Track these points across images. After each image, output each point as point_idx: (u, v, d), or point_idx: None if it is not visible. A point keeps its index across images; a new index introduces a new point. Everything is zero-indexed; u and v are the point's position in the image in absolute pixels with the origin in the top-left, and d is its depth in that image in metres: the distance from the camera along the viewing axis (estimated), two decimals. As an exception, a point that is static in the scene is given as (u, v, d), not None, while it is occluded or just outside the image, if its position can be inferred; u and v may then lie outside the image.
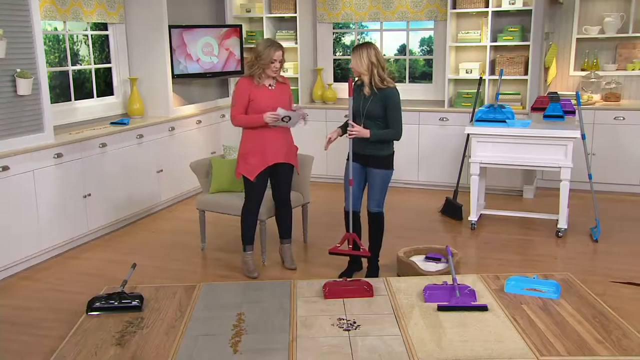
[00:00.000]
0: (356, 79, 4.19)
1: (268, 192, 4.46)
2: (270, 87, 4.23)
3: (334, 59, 7.55)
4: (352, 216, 4.22)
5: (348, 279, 3.93)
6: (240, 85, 4.20)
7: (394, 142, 4.19)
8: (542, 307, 3.63)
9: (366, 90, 4.04)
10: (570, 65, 6.80)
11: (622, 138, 6.24)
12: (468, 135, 5.49)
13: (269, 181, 4.41)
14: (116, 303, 3.69)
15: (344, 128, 4.22)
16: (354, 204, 4.24)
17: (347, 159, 4.22)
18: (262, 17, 7.18)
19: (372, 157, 4.11)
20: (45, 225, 4.71)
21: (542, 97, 5.60)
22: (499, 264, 4.55)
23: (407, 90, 7.18)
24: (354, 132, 3.99)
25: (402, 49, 7.36)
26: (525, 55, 6.32)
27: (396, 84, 4.12)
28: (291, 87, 4.53)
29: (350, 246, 4.22)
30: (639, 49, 6.57)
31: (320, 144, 4.47)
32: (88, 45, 5.99)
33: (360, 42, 4.20)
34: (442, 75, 6.78)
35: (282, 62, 4.18)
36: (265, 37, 7.18)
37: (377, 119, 4.05)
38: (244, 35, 7.23)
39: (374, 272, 4.31)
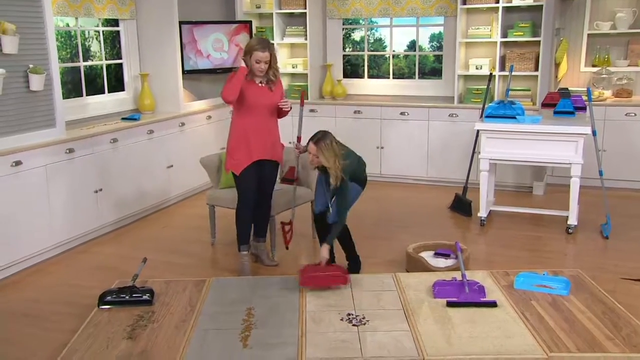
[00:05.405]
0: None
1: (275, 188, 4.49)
2: (260, 85, 4.15)
3: (344, 55, 7.53)
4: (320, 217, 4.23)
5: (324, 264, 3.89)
6: (241, 71, 4.07)
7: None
8: (551, 304, 3.63)
9: (332, 181, 3.90)
10: (581, 61, 6.76)
11: (633, 134, 6.20)
12: (478, 131, 5.47)
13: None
14: (127, 297, 3.72)
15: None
16: (322, 205, 4.19)
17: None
18: (272, 13, 7.18)
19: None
20: (57, 220, 4.75)
21: (553, 93, 5.57)
22: (509, 260, 4.54)
23: (416, 87, 7.16)
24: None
25: (412, 45, 7.34)
26: (536, 51, 6.29)
27: (406, 80, 4.09)
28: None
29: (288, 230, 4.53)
30: (651, 45, 6.53)
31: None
32: (99, 41, 6.02)
33: (315, 134, 3.95)
34: (452, 71, 6.76)
35: (267, 63, 4.07)
36: (274, 33, 7.20)
37: None
38: (254, 31, 7.24)
39: (355, 267, 4.32)
